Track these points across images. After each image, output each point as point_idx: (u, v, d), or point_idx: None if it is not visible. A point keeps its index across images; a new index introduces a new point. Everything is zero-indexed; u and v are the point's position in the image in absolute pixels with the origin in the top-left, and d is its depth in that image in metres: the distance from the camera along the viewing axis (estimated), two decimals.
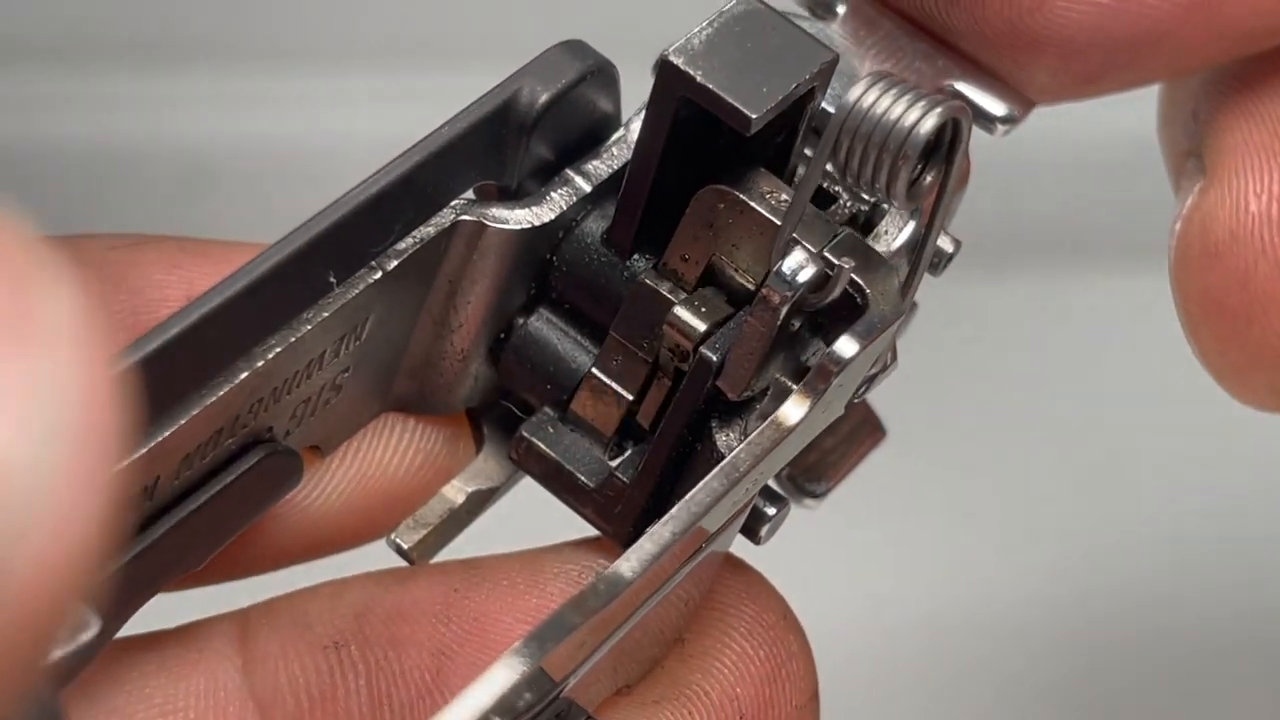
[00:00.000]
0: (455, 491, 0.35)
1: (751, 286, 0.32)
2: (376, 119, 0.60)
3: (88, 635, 0.26)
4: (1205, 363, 0.34)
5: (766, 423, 0.31)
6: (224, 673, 0.33)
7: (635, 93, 0.34)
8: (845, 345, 0.31)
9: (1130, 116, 0.41)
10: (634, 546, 0.30)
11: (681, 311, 0.32)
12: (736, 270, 0.32)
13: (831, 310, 0.31)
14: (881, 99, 0.31)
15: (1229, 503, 0.61)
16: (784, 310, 0.31)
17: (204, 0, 0.65)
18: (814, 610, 0.35)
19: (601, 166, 0.34)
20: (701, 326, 0.32)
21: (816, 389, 0.31)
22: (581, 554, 0.34)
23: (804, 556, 0.36)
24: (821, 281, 0.31)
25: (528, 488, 0.35)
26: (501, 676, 0.28)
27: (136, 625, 0.32)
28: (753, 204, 0.32)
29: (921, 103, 0.31)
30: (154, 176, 0.36)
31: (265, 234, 0.32)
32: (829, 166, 0.32)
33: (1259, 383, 0.34)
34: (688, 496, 0.30)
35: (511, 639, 0.32)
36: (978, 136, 0.32)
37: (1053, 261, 0.64)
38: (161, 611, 0.33)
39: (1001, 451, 0.62)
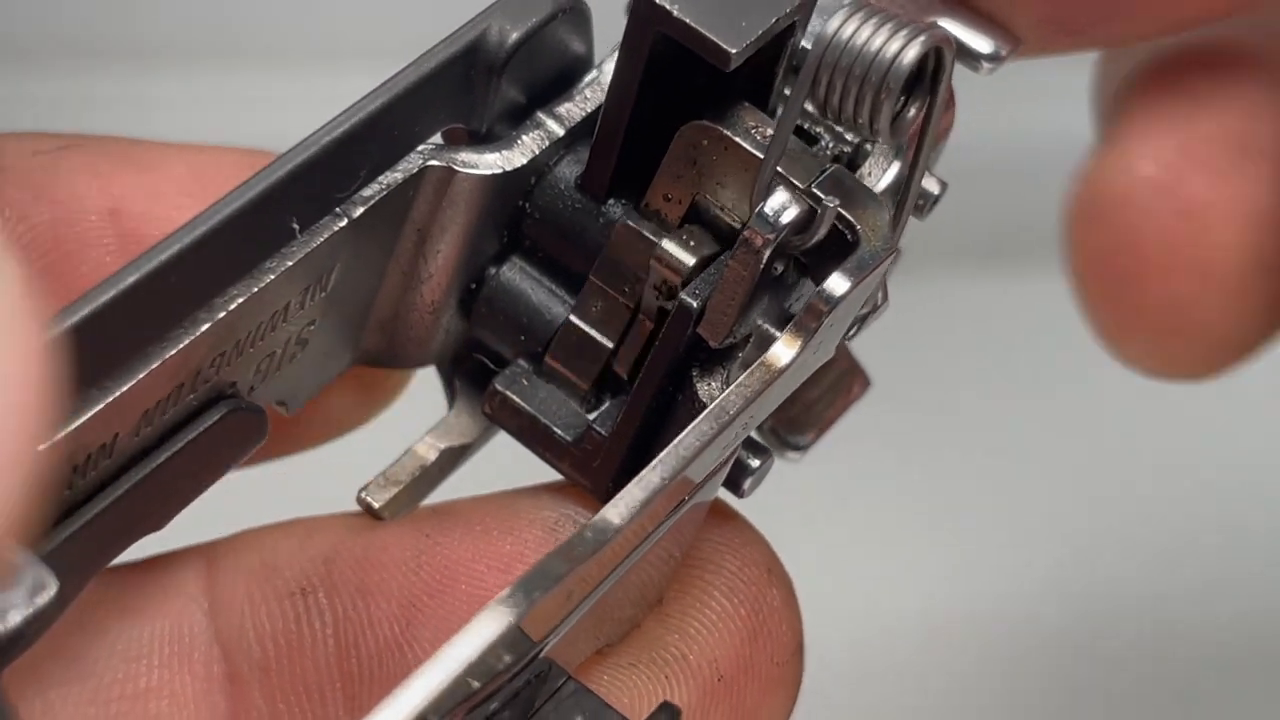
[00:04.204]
0: (427, 448, 0.34)
1: (738, 225, 0.31)
2: None
3: (44, 598, 0.25)
4: (1091, 320, 0.34)
5: (756, 364, 0.30)
6: (189, 616, 0.32)
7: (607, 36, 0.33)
8: (836, 283, 0.30)
9: None
10: (621, 493, 0.28)
11: (670, 245, 0.31)
12: (722, 209, 0.31)
13: (820, 248, 0.30)
14: (861, 30, 0.30)
15: (1228, 501, 0.60)
16: (766, 253, 0.30)
17: (204, 1, 0.64)
18: (810, 612, 0.34)
19: (574, 109, 0.32)
20: (690, 260, 0.31)
21: (808, 328, 0.30)
22: (558, 500, 0.33)
23: (802, 558, 0.35)
24: (806, 222, 0.30)
25: (501, 440, 0.34)
26: (486, 628, 0.27)
27: None
28: (738, 140, 0.31)
29: (903, 33, 0.29)
30: None
31: None
32: (809, 105, 0.31)
33: (1138, 344, 0.34)
34: (676, 440, 0.29)
35: (484, 588, 0.31)
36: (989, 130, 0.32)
37: (1053, 261, 0.63)
38: None
39: (998, 450, 0.61)
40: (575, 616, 0.29)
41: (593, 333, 0.32)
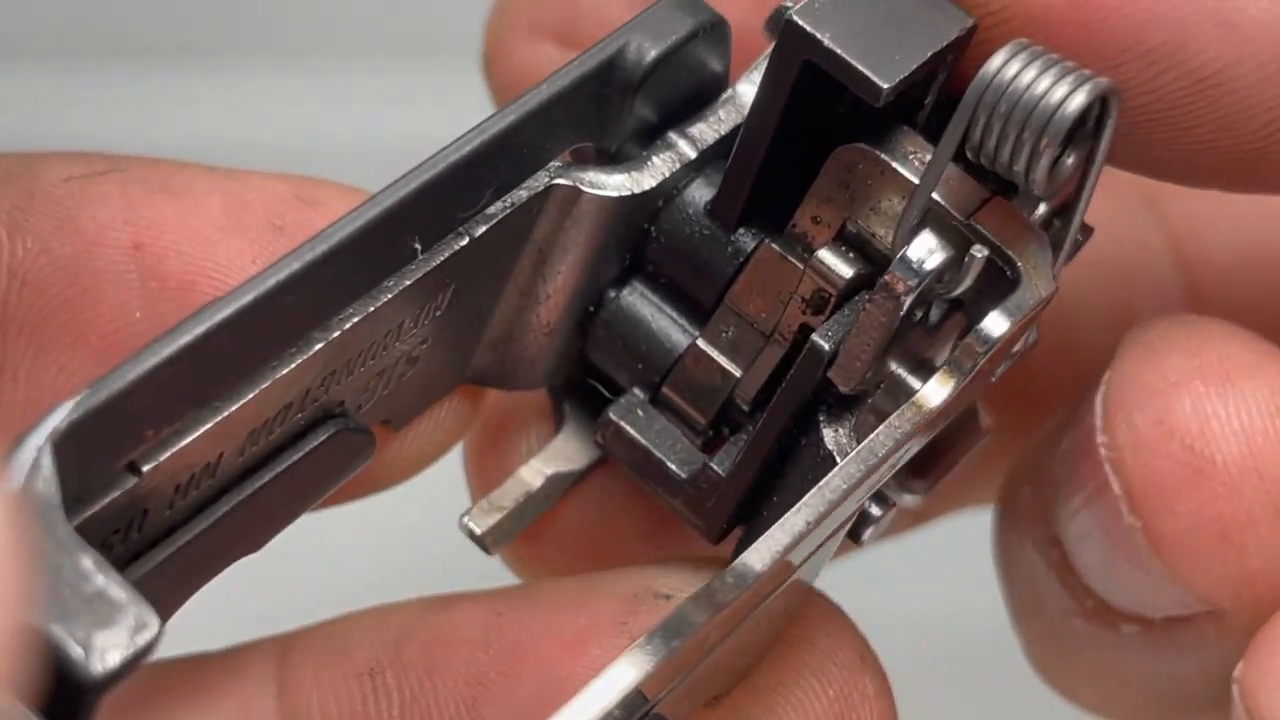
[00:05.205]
0: (533, 474, 0.33)
1: (889, 254, 0.29)
2: (376, 119, 0.61)
3: (145, 637, 0.24)
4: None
5: (906, 404, 0.28)
6: (258, 699, 0.32)
7: None
8: (995, 322, 0.28)
9: None
10: (763, 537, 0.27)
11: (827, 254, 0.30)
12: (873, 236, 0.30)
13: (978, 283, 0.29)
14: (1024, 72, 0.28)
15: None
16: (908, 301, 0.29)
17: (202, 1, 0.63)
18: None
19: (708, 131, 0.31)
20: (848, 272, 0.29)
21: (962, 368, 0.28)
22: (638, 574, 0.31)
23: None
24: (953, 267, 0.29)
25: None
26: (622, 678, 0.25)
27: (185, 644, 0.30)
28: (895, 165, 0.29)
29: (1068, 78, 0.28)
30: None
31: None
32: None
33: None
34: (822, 482, 0.28)
35: (553, 665, 0.30)
36: None
37: None
38: (214, 627, 0.32)
39: None
40: (698, 669, 0.28)
41: (720, 359, 0.31)
